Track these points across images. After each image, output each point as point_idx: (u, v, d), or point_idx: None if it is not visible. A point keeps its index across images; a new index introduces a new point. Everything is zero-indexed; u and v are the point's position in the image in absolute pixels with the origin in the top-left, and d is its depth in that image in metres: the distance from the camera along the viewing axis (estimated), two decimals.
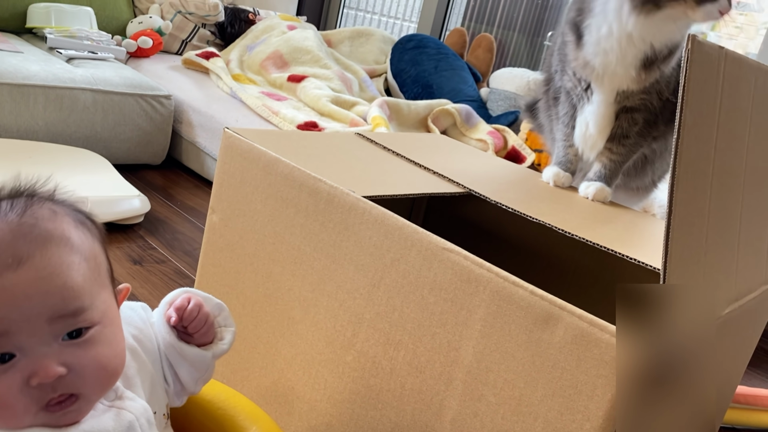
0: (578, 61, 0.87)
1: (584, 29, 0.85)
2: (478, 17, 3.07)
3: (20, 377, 0.40)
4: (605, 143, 0.90)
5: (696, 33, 1.00)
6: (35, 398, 0.41)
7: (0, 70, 1.55)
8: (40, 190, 0.45)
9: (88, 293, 0.43)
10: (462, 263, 0.55)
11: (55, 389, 0.41)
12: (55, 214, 0.44)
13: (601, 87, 0.86)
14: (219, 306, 0.55)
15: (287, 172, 0.69)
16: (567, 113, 0.92)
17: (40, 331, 0.41)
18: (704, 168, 0.42)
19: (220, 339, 0.54)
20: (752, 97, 0.47)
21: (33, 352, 0.41)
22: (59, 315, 0.42)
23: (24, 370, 0.40)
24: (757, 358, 1.46)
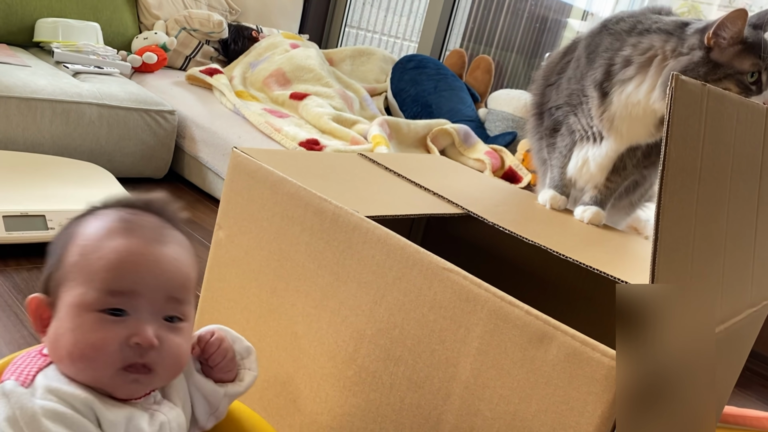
0: (601, 117, 0.88)
1: (612, 92, 0.86)
2: (477, 39, 3.12)
3: (124, 333, 0.48)
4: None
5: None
6: (124, 355, 0.48)
7: (9, 84, 1.58)
8: (172, 207, 0.56)
9: (192, 291, 0.53)
10: (461, 283, 0.58)
11: (142, 356, 0.48)
12: (186, 235, 0.56)
13: (616, 140, 0.88)
14: (248, 349, 0.60)
15: (293, 192, 0.72)
16: (566, 146, 0.95)
17: (156, 303, 0.49)
18: (688, 197, 0.45)
19: (240, 380, 0.59)
20: (735, 129, 0.50)
21: (142, 318, 0.49)
22: (174, 296, 0.50)
23: (130, 329, 0.48)
24: (747, 380, 1.48)
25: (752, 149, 0.56)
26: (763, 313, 0.74)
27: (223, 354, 0.57)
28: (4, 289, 1.12)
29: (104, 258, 0.48)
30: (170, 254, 0.51)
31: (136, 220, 0.52)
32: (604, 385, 0.49)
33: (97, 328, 0.47)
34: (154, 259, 0.50)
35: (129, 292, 0.48)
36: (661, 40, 0.82)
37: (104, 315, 0.48)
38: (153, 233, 0.51)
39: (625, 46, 0.85)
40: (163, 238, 0.52)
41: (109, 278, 0.48)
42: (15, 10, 2.04)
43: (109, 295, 0.48)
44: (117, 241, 0.49)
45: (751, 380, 1.48)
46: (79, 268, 0.49)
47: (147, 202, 0.55)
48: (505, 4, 3.23)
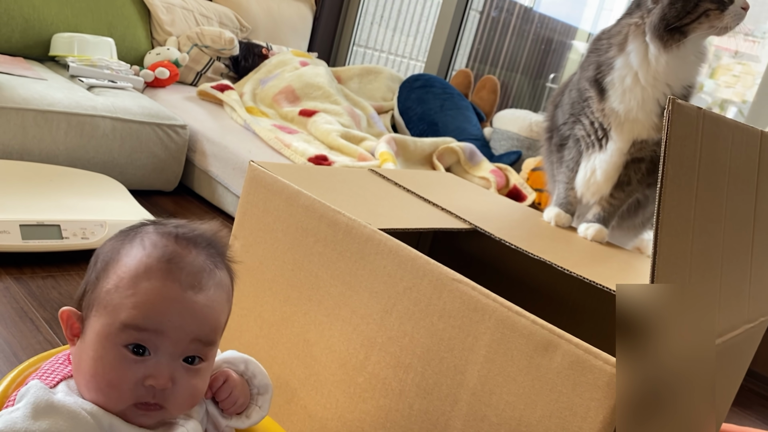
0: (603, 111, 0.93)
1: (606, 84, 0.92)
2: (483, 59, 3.17)
3: (142, 373, 0.49)
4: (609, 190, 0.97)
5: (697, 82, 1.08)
6: (138, 394, 0.49)
7: (26, 97, 1.62)
8: (222, 241, 0.55)
9: (220, 333, 0.53)
10: (470, 293, 0.60)
11: (155, 396, 0.49)
12: (225, 269, 0.55)
13: (620, 135, 0.93)
14: (266, 387, 0.60)
15: (308, 204, 0.75)
16: (573, 158, 0.99)
17: (180, 345, 0.50)
18: (686, 213, 0.48)
19: (247, 416, 0.59)
20: (730, 151, 0.53)
21: (162, 359, 0.49)
22: (200, 340, 0.51)
23: (148, 369, 0.49)
24: (748, 400, 1.50)
25: (747, 170, 0.59)
26: (760, 330, 0.77)
27: (227, 391, 0.57)
28: (21, 296, 1.14)
29: (136, 296, 0.48)
30: (205, 301, 0.51)
31: (178, 262, 0.50)
32: (606, 391, 0.52)
33: (116, 365, 0.48)
34: (187, 306, 0.50)
35: (154, 331, 0.48)
36: (627, 19, 0.92)
37: (126, 352, 0.48)
38: (193, 279, 0.50)
39: (607, 42, 0.94)
40: (201, 284, 0.51)
41: (137, 316, 0.48)
42: (32, 24, 2.09)
43: (133, 330, 0.48)
44: (153, 283, 0.49)
45: (751, 400, 1.50)
46: (110, 298, 0.49)
47: (197, 236, 0.53)
48: (511, 25, 3.28)
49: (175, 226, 0.54)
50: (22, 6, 2.06)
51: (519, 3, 3.36)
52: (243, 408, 0.59)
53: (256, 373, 0.60)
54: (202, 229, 0.55)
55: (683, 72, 0.90)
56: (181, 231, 0.53)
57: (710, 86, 3.32)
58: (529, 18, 3.37)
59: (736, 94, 3.19)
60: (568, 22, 3.42)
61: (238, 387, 0.58)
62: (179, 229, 0.53)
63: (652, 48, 0.88)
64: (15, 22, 2.05)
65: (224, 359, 0.59)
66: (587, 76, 0.95)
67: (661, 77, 0.88)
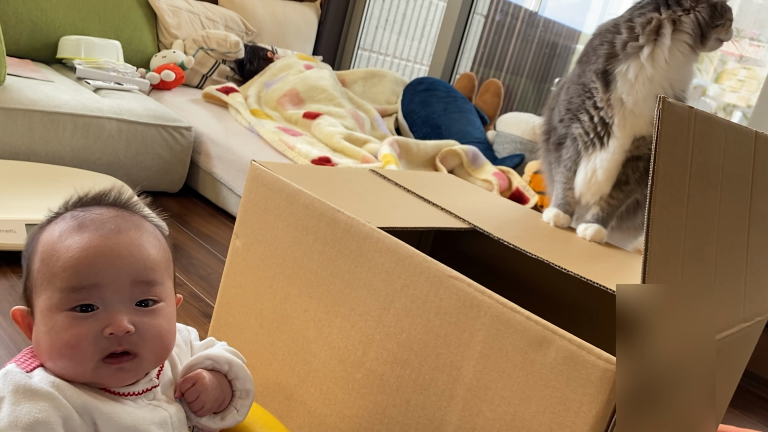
0: (608, 101, 0.95)
1: (617, 74, 0.94)
2: (487, 62, 3.18)
3: (97, 326, 0.49)
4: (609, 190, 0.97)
5: (700, 84, 1.10)
6: (101, 347, 0.49)
7: (33, 98, 1.64)
8: (126, 196, 0.57)
9: (161, 272, 0.53)
10: (466, 290, 0.61)
11: (120, 344, 0.50)
12: (144, 216, 0.56)
13: (622, 131, 0.94)
14: (247, 392, 0.59)
15: (308, 203, 0.76)
16: (570, 158, 0.99)
17: (122, 291, 0.50)
18: (678, 212, 0.49)
19: (222, 417, 0.58)
20: (723, 150, 0.54)
21: (112, 308, 0.50)
22: (140, 280, 0.51)
23: (102, 321, 0.49)
24: (749, 402, 1.50)
25: (741, 170, 0.60)
26: (757, 330, 0.77)
27: (194, 395, 0.56)
28: None
29: (61, 258, 0.50)
30: (127, 241, 0.51)
31: (87, 216, 0.52)
32: (599, 386, 0.52)
33: (68, 326, 0.49)
34: (109, 249, 0.50)
35: (91, 286, 0.49)
36: (653, 12, 0.94)
37: (74, 313, 0.49)
38: (106, 224, 0.52)
39: (622, 29, 0.94)
40: (117, 227, 0.52)
41: (68, 276, 0.49)
42: (40, 27, 2.11)
43: (72, 292, 0.49)
44: (70, 240, 0.50)
45: (753, 403, 1.49)
46: (42, 274, 0.50)
47: (99, 196, 0.55)
48: (516, 29, 3.29)
49: (76, 198, 0.55)
50: (31, 9, 2.09)
51: (524, 7, 3.37)
52: (218, 408, 0.58)
53: (239, 376, 0.59)
54: (102, 190, 0.56)
55: (687, 77, 0.93)
56: (84, 199, 0.55)
57: (715, 90, 3.32)
58: (533, 22, 3.38)
59: (741, 98, 3.19)
60: (573, 26, 3.43)
61: (209, 391, 0.56)
62: (81, 199, 0.55)
63: (682, 46, 0.91)
64: (23, 25, 2.08)
65: (209, 356, 0.58)
66: (595, 68, 0.96)
67: (673, 75, 0.91)
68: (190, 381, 0.56)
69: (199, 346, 0.62)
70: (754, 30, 3.11)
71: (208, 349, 0.61)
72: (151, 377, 0.54)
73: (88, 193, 0.56)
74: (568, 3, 3.58)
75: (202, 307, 1.30)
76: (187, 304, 1.30)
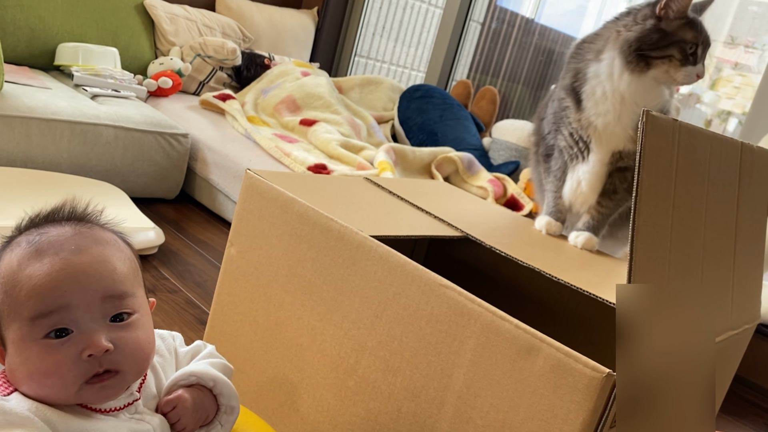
0: (580, 122, 0.95)
1: (582, 93, 0.93)
2: (483, 70, 3.20)
3: (75, 350, 0.48)
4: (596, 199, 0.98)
5: (694, 92, 1.10)
6: (83, 371, 0.48)
7: (31, 105, 1.65)
8: (89, 210, 0.55)
9: (131, 283, 0.53)
10: (456, 298, 0.62)
11: (101, 364, 0.49)
12: (104, 228, 0.55)
13: (599, 147, 0.94)
14: (232, 409, 0.58)
15: (302, 211, 0.77)
16: (559, 168, 1.00)
17: (94, 309, 0.49)
18: (663, 221, 0.50)
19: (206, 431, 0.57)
20: (708, 161, 0.55)
21: (86, 328, 0.49)
22: (110, 295, 0.50)
23: (78, 344, 0.48)
24: (742, 408, 1.51)
25: (727, 181, 0.61)
26: (744, 338, 0.78)
27: (175, 418, 0.54)
28: None
29: (24, 288, 0.48)
30: (90, 258, 0.50)
31: (44, 239, 0.50)
32: (586, 394, 0.53)
33: (45, 355, 0.47)
34: (72, 270, 0.49)
35: (60, 309, 0.48)
36: (614, 24, 0.94)
37: (48, 340, 0.48)
38: (63, 245, 0.50)
39: (588, 47, 0.95)
40: (78, 246, 0.50)
41: (34, 304, 0.48)
42: (38, 34, 2.12)
43: (42, 318, 0.47)
44: (31, 268, 0.49)
45: (745, 409, 1.50)
46: (7, 306, 0.49)
47: (52, 214, 0.53)
48: (512, 36, 3.31)
49: (28, 219, 0.53)
50: (28, 16, 2.10)
51: (520, 14, 3.39)
52: (203, 422, 0.57)
53: (224, 392, 0.58)
54: (54, 207, 0.54)
55: (649, 96, 0.91)
56: (36, 220, 0.53)
57: (711, 97, 3.34)
58: (530, 29, 3.40)
59: (736, 105, 3.21)
60: (569, 33, 3.45)
61: (189, 413, 0.55)
62: (34, 220, 0.53)
63: (617, 62, 0.90)
64: (21, 32, 2.09)
65: (193, 372, 0.57)
66: (564, 84, 0.96)
67: (627, 95, 0.90)
68: (170, 404, 0.55)
69: (185, 353, 0.61)
70: (749, 38, 3.13)
71: (194, 357, 0.61)
72: (131, 391, 0.54)
73: (40, 212, 0.54)
74: (565, 10, 3.60)
75: (198, 313, 1.31)
76: (182, 310, 1.30)
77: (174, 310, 1.30)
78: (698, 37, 0.90)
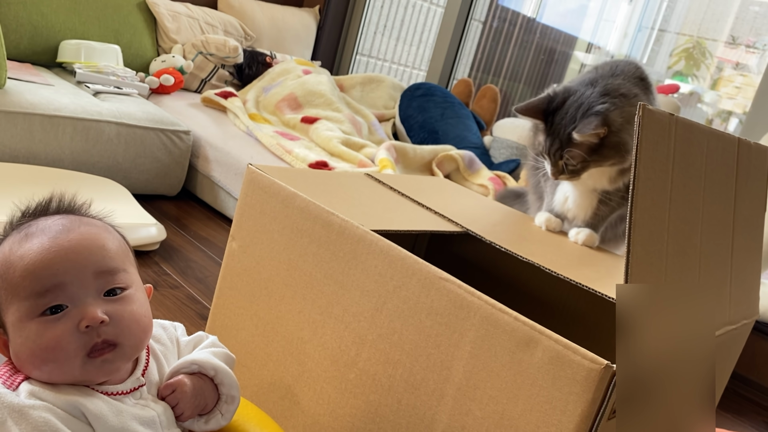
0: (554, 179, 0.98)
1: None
2: (485, 68, 3.21)
3: (72, 323, 0.50)
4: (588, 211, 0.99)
5: (695, 91, 1.12)
6: (82, 342, 0.50)
7: (33, 102, 1.66)
8: (77, 203, 0.57)
9: (121, 259, 0.54)
10: (456, 291, 0.62)
11: (99, 335, 0.50)
12: (92, 217, 0.57)
13: (579, 186, 0.97)
14: (233, 398, 0.59)
15: (303, 206, 0.77)
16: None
17: (87, 284, 0.51)
18: (660, 215, 0.50)
19: (206, 421, 0.58)
20: (705, 156, 0.55)
21: (81, 303, 0.51)
22: (101, 270, 0.52)
23: (75, 318, 0.50)
24: (741, 406, 1.51)
25: (724, 176, 0.61)
26: (743, 333, 0.79)
27: (173, 402, 0.55)
28: None
29: (18, 268, 0.50)
30: (78, 237, 0.52)
31: (35, 225, 0.53)
32: (584, 385, 0.54)
33: (43, 331, 0.49)
34: (63, 248, 0.51)
35: (54, 287, 0.50)
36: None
37: (45, 317, 0.49)
38: (54, 228, 0.52)
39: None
40: (66, 227, 0.52)
41: (30, 283, 0.49)
42: (40, 31, 2.13)
43: (38, 297, 0.49)
44: (22, 249, 0.51)
45: (744, 407, 1.51)
46: (4, 290, 0.51)
47: (42, 208, 0.55)
48: (513, 35, 3.31)
49: (19, 214, 0.55)
50: (31, 13, 2.10)
51: (522, 13, 3.39)
52: (202, 411, 0.58)
53: (225, 382, 0.58)
54: (42, 201, 0.56)
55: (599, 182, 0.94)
56: (27, 213, 0.55)
57: (711, 97, 3.34)
58: (531, 28, 3.40)
59: (737, 105, 3.21)
60: (570, 32, 3.46)
61: (188, 398, 0.56)
62: (25, 212, 0.55)
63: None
64: (24, 29, 2.09)
65: (195, 360, 0.58)
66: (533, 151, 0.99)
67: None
68: (169, 388, 0.56)
69: (187, 342, 0.62)
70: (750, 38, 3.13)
71: (196, 347, 0.62)
72: (137, 376, 0.54)
73: (28, 208, 0.56)
74: (566, 9, 3.60)
75: (199, 309, 1.32)
76: (184, 306, 1.31)
77: (175, 305, 1.30)
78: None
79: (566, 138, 0.88)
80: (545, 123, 0.92)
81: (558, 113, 0.90)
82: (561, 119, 0.89)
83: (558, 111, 0.90)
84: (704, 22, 3.20)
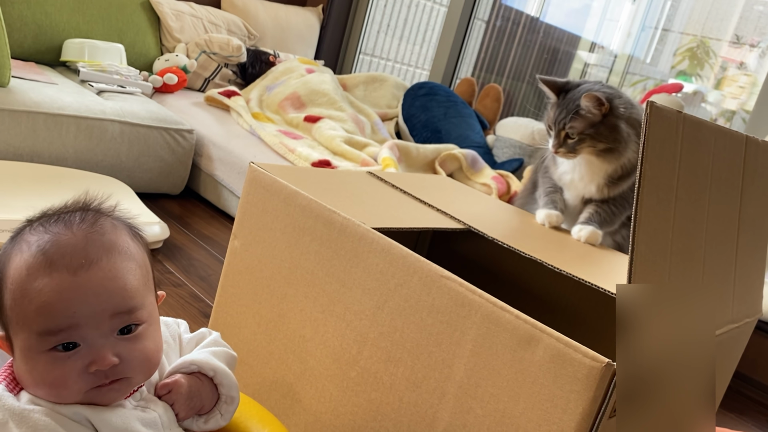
0: (555, 175, 1.08)
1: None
2: (488, 68, 3.20)
3: (81, 363, 0.48)
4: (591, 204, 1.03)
5: (699, 90, 1.19)
6: (89, 381, 0.49)
7: (37, 100, 1.66)
8: (103, 206, 0.54)
9: (141, 295, 0.52)
10: (457, 289, 0.62)
11: (107, 376, 0.49)
12: (116, 228, 0.53)
13: (571, 192, 1.06)
14: (232, 399, 0.59)
15: (305, 204, 0.77)
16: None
17: (102, 326, 0.49)
18: (665, 213, 0.50)
19: (205, 421, 0.58)
20: (712, 154, 0.55)
21: (94, 343, 0.49)
22: (118, 312, 0.50)
23: (85, 358, 0.49)
24: (744, 406, 1.51)
25: (731, 174, 0.61)
26: (746, 331, 0.78)
27: (169, 401, 0.55)
28: None
29: (33, 302, 0.48)
30: (100, 275, 0.49)
31: (55, 248, 0.49)
32: (585, 384, 0.54)
33: (51, 367, 0.48)
34: (82, 289, 0.48)
35: (69, 327, 0.48)
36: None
37: (55, 352, 0.48)
38: (76, 257, 0.49)
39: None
40: (88, 259, 0.49)
41: (44, 321, 0.47)
42: (44, 30, 2.13)
43: (50, 335, 0.48)
44: (40, 281, 0.48)
45: (747, 406, 1.50)
46: (15, 314, 0.49)
47: (67, 215, 0.51)
48: (516, 35, 3.31)
49: (44, 214, 0.52)
50: (35, 12, 2.11)
51: (525, 13, 3.39)
52: (201, 411, 0.57)
53: (224, 383, 0.58)
54: (71, 205, 0.53)
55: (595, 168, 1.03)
56: (51, 217, 0.51)
57: (715, 97, 3.33)
58: (534, 28, 3.40)
59: (741, 104, 3.20)
60: (574, 32, 3.45)
61: (184, 399, 0.55)
62: (49, 218, 0.51)
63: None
64: (28, 28, 2.10)
65: (194, 361, 0.57)
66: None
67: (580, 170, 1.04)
68: (165, 388, 0.55)
69: (189, 339, 0.62)
70: (754, 37, 3.12)
71: (198, 344, 0.61)
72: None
73: (50, 209, 0.52)
74: (569, 8, 3.59)
75: (202, 307, 1.32)
76: (186, 304, 1.31)
77: (179, 303, 1.31)
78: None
79: (573, 108, 1.01)
80: (558, 97, 1.05)
81: (571, 92, 1.05)
82: (572, 95, 1.04)
83: (571, 90, 1.05)
84: (708, 21, 3.19)
